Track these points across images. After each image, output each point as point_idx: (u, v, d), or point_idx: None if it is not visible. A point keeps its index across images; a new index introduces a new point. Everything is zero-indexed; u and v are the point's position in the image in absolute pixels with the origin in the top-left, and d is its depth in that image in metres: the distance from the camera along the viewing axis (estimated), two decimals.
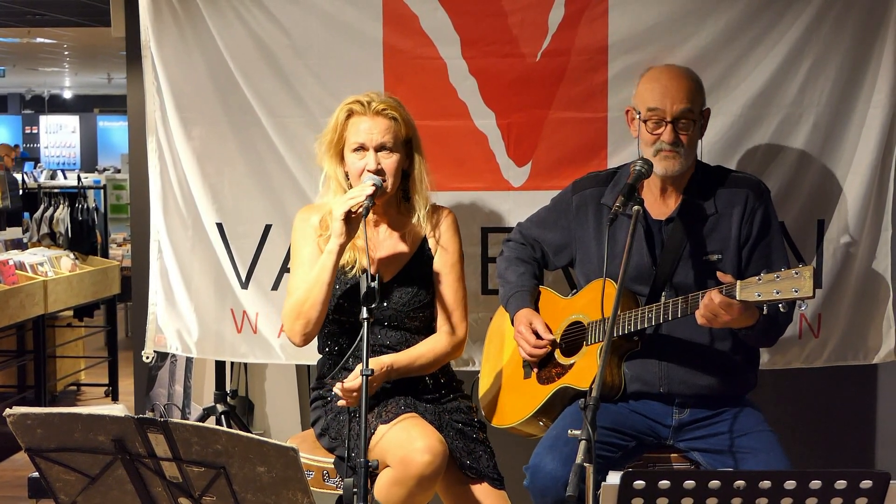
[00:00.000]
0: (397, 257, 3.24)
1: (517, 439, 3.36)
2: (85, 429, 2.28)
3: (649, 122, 3.07)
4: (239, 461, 2.23)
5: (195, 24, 3.89)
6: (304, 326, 3.14)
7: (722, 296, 2.79)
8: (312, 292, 3.11)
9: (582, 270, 3.29)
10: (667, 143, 3.04)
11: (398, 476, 2.90)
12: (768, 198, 3.17)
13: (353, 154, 3.16)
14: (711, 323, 2.86)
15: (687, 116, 3.05)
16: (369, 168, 3.12)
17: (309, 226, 3.25)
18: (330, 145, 3.22)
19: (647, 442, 3.13)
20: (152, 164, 4.03)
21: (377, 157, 3.13)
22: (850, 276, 3.74)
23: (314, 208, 3.31)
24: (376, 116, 3.15)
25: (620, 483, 2.08)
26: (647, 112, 3.07)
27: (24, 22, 11.91)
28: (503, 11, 3.77)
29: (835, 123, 3.70)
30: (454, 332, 3.25)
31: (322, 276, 3.09)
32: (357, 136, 3.15)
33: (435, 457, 2.89)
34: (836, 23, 3.66)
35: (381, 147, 3.14)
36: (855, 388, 4.18)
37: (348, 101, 3.20)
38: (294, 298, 3.16)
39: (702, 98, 3.13)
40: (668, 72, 3.13)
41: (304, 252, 3.24)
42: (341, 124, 3.19)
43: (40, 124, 24.51)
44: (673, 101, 3.04)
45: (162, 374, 4.67)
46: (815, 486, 2.08)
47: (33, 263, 6.38)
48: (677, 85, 3.06)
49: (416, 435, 2.94)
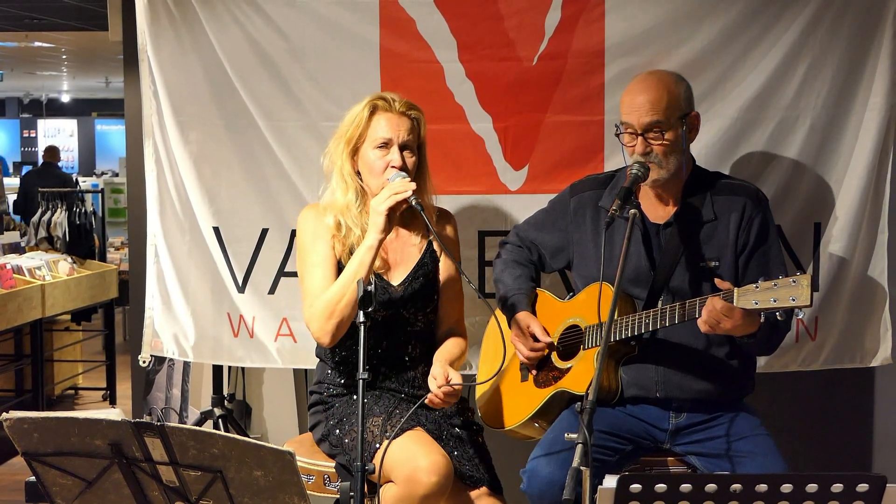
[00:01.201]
0: (407, 260, 3.22)
1: (514, 443, 3.36)
2: (82, 433, 2.28)
3: (623, 136, 3.10)
4: (236, 465, 2.23)
5: (192, 27, 3.89)
6: (336, 326, 3.04)
7: (723, 301, 2.80)
8: (349, 289, 3.00)
9: (579, 273, 3.29)
10: (638, 154, 3.06)
11: (404, 494, 2.88)
12: (766, 206, 3.17)
13: (375, 150, 3.12)
14: (714, 329, 2.86)
15: (656, 127, 3.04)
16: (395, 164, 3.09)
17: (321, 224, 3.18)
18: (350, 140, 3.16)
19: (643, 446, 3.13)
20: (149, 168, 4.02)
21: (402, 154, 3.12)
22: (847, 279, 3.75)
23: (325, 208, 3.23)
24: (402, 115, 3.14)
25: (617, 487, 2.08)
26: (621, 125, 3.10)
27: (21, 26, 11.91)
28: (500, 15, 3.77)
29: (831, 127, 3.71)
30: (464, 337, 3.28)
31: (360, 272, 2.99)
32: (383, 131, 3.11)
33: (441, 477, 2.88)
34: (832, 26, 3.66)
35: (404, 146, 3.12)
36: (852, 391, 4.18)
37: (372, 97, 3.17)
38: (326, 297, 3.06)
39: (679, 105, 3.08)
40: (640, 83, 3.12)
41: (318, 250, 3.16)
42: (365, 120, 3.14)
43: (38, 128, 24.47)
44: (640, 114, 3.04)
45: (159, 378, 4.67)
46: (811, 490, 2.08)
47: (31, 267, 6.38)
48: (644, 97, 3.05)
49: (421, 453, 2.92)
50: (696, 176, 3.18)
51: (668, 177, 3.08)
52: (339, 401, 3.19)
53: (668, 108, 3.06)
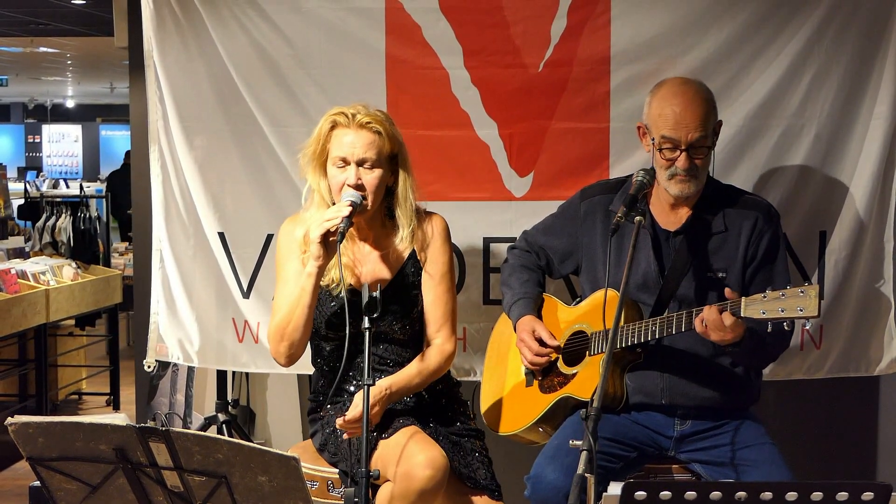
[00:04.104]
0: (384, 272, 3.18)
1: (518, 449, 3.36)
2: (86, 438, 2.28)
3: (664, 150, 3.04)
4: (240, 470, 2.23)
5: (198, 33, 3.90)
6: (288, 348, 3.09)
7: (715, 312, 2.80)
8: (294, 314, 3.05)
9: (587, 278, 3.28)
10: (682, 169, 3.02)
11: (400, 490, 2.88)
12: (777, 222, 3.17)
13: (335, 168, 3.08)
14: (705, 334, 2.87)
15: (702, 143, 3.02)
16: (349, 183, 3.04)
17: (293, 240, 3.17)
18: (313, 156, 3.13)
19: (648, 453, 3.12)
20: (154, 174, 4.03)
21: (358, 171, 3.05)
22: (852, 287, 3.74)
23: (298, 220, 3.22)
24: (360, 129, 3.06)
25: (622, 494, 2.08)
26: (661, 139, 3.03)
27: (27, 31, 11.94)
28: (506, 22, 3.78)
29: (837, 135, 3.70)
30: (444, 347, 3.18)
31: (303, 299, 3.03)
32: (339, 149, 3.07)
33: (436, 471, 2.87)
34: (837, 35, 3.66)
35: (363, 162, 3.06)
36: (857, 399, 4.17)
37: (333, 111, 3.12)
38: (277, 320, 3.10)
39: (715, 115, 3.09)
40: (681, 96, 3.04)
41: (288, 268, 3.17)
42: (325, 135, 3.10)
43: (43, 133, 24.51)
44: (688, 130, 3.00)
45: (163, 384, 4.67)
46: (816, 498, 2.07)
47: (35, 272, 6.38)
48: (692, 113, 3.01)
49: (416, 448, 2.92)
50: (709, 186, 3.17)
51: (698, 190, 3.07)
52: (332, 409, 3.19)
53: (710, 122, 3.05)
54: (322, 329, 3.15)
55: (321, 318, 3.14)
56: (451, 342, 3.20)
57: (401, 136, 3.15)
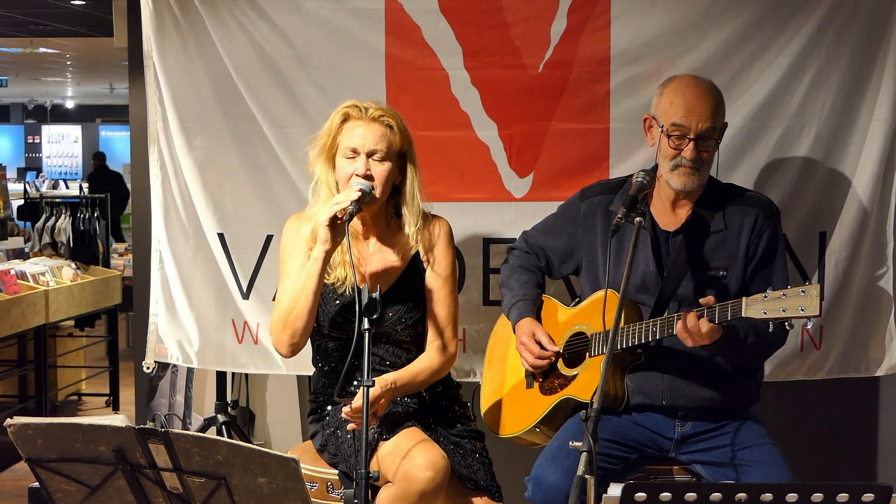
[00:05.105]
0: (388, 272, 3.17)
1: (519, 451, 3.36)
2: (86, 439, 2.28)
3: (672, 138, 3.05)
4: (240, 472, 2.22)
5: (198, 34, 3.90)
6: (290, 337, 3.07)
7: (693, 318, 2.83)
8: (298, 301, 3.04)
9: (588, 278, 3.28)
10: (688, 159, 3.03)
11: (400, 492, 2.87)
12: (778, 219, 3.17)
13: (344, 159, 3.09)
14: (683, 339, 2.89)
15: (710, 135, 3.04)
16: (358, 172, 3.04)
17: (300, 236, 3.17)
18: (323, 149, 3.14)
19: (648, 454, 3.12)
20: (154, 174, 4.03)
21: (368, 162, 3.06)
22: (853, 288, 3.74)
23: (304, 217, 3.22)
24: (372, 122, 3.08)
25: (622, 495, 2.08)
26: (670, 126, 3.04)
27: (26, 32, 11.94)
28: (505, 23, 3.77)
29: (837, 135, 3.70)
30: (446, 349, 3.18)
31: (308, 285, 3.02)
32: (350, 140, 3.08)
33: (437, 472, 2.87)
34: (837, 35, 3.66)
35: (373, 153, 3.06)
36: (857, 400, 4.17)
37: (346, 104, 3.13)
38: (280, 309, 3.09)
39: (723, 114, 3.11)
40: (694, 87, 3.08)
41: (293, 262, 3.16)
42: (336, 128, 3.11)
43: (42, 134, 24.51)
44: (699, 118, 3.01)
45: (163, 385, 4.67)
46: (817, 499, 2.07)
47: (35, 273, 6.38)
48: (704, 103, 3.03)
49: (417, 450, 2.91)
50: (711, 185, 3.17)
51: (700, 185, 3.08)
52: (332, 409, 3.19)
53: (720, 117, 3.08)
54: (326, 328, 3.14)
55: (325, 316, 3.13)
56: (454, 344, 3.21)
57: (410, 135, 3.16)
